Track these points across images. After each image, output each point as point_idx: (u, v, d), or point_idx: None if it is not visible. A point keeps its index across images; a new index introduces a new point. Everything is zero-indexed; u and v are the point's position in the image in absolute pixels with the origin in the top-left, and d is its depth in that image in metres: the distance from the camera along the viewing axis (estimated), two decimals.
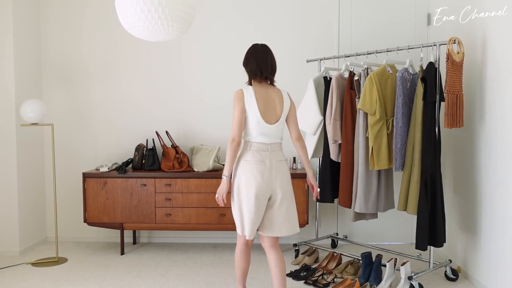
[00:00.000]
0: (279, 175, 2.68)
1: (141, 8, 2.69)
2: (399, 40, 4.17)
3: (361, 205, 3.44)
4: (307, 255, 3.88)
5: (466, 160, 3.47)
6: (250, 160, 2.66)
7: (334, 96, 3.62)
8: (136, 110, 4.45)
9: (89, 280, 3.50)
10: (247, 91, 2.69)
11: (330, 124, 3.63)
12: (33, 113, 3.75)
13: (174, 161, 4.11)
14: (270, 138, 2.70)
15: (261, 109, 2.67)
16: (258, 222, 2.69)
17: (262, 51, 2.77)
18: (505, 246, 2.92)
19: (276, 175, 2.67)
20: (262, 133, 2.68)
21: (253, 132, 2.69)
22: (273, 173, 2.66)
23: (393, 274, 3.29)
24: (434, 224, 3.20)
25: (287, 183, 2.72)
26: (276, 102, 2.73)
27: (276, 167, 2.68)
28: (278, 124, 2.71)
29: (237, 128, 2.66)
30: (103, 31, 4.42)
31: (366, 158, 3.42)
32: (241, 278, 2.90)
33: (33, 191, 4.32)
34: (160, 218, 4.04)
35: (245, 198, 2.65)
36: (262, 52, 2.76)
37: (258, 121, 2.67)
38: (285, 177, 2.70)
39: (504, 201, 2.93)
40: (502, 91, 2.95)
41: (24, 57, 4.18)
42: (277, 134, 2.73)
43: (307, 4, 4.32)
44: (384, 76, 3.35)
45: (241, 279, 2.91)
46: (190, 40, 4.38)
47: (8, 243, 4.08)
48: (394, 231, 4.37)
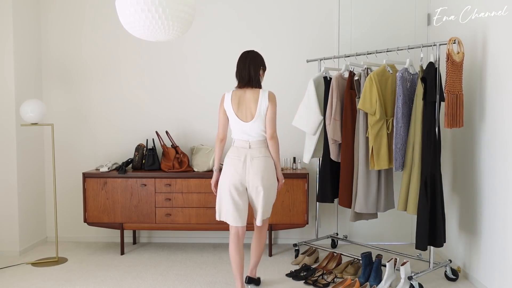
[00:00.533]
0: (252, 170, 2.99)
1: (141, 8, 2.69)
2: (399, 40, 4.17)
3: (361, 205, 3.44)
4: (307, 255, 3.88)
5: (466, 160, 3.48)
6: (230, 155, 3.07)
7: (334, 96, 3.62)
8: (136, 110, 4.45)
9: (89, 280, 3.49)
10: (227, 94, 3.09)
11: (330, 124, 3.63)
12: (33, 113, 3.75)
13: (174, 161, 4.11)
14: (249, 136, 3.04)
15: (235, 108, 3.04)
16: (236, 211, 3.02)
17: (242, 59, 3.11)
18: (505, 246, 2.93)
19: (249, 170, 3.00)
20: (241, 131, 3.04)
21: (234, 130, 3.07)
22: (246, 168, 3.00)
23: (393, 274, 3.29)
24: (434, 224, 3.20)
25: (262, 177, 2.99)
26: (252, 101, 3.03)
27: (251, 163, 3.00)
28: (254, 121, 3.01)
29: (220, 126, 3.12)
30: (103, 31, 4.42)
31: (366, 158, 3.42)
32: (237, 273, 3.09)
33: (33, 191, 4.32)
34: (160, 218, 4.04)
35: (222, 187, 3.06)
36: (242, 61, 3.10)
37: (234, 119, 3.04)
38: (259, 172, 2.99)
39: (504, 201, 2.93)
40: (502, 91, 2.95)
41: (24, 57, 4.18)
42: (257, 132, 3.03)
43: (306, 4, 4.32)
44: (384, 76, 3.35)
45: (237, 274, 3.09)
46: (190, 40, 4.38)
47: (8, 243, 4.08)
48: (394, 231, 4.37)
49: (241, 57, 3.12)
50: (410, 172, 3.28)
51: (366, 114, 3.40)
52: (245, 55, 3.11)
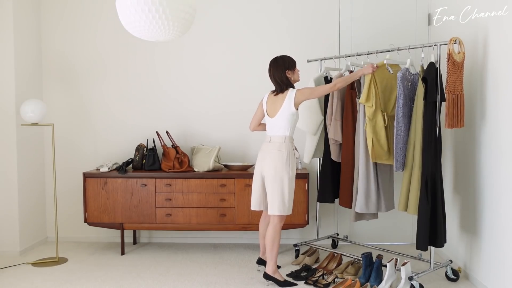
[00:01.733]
0: (266, 161, 3.32)
1: (142, 8, 2.69)
2: (400, 40, 4.16)
3: (362, 205, 3.43)
4: (308, 255, 3.88)
5: (467, 161, 3.47)
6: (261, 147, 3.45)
7: (335, 96, 3.62)
8: (136, 110, 4.45)
9: (90, 280, 3.49)
10: (265, 95, 3.50)
11: (330, 125, 3.63)
12: (33, 113, 3.75)
13: (174, 161, 4.11)
14: (271, 130, 3.38)
15: (268, 105, 3.42)
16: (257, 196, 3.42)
17: (268, 70, 3.42)
18: (506, 246, 2.92)
19: (262, 161, 3.35)
20: (268, 125, 3.42)
21: (266, 125, 3.45)
22: (261, 158, 3.37)
23: (393, 274, 3.29)
24: (434, 225, 3.19)
25: (272, 168, 3.28)
26: (280, 100, 3.34)
27: (265, 155, 3.34)
28: (277, 117, 3.32)
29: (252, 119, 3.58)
30: (103, 31, 4.42)
31: (367, 158, 3.42)
32: (261, 247, 3.59)
33: (33, 191, 4.32)
34: (160, 218, 4.03)
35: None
36: (268, 72, 3.42)
37: (265, 115, 3.45)
38: (270, 163, 3.29)
39: (505, 201, 2.92)
40: (503, 91, 2.95)
41: (24, 56, 4.18)
42: (278, 127, 3.33)
43: (307, 4, 4.32)
44: (384, 72, 3.36)
45: (261, 248, 3.59)
46: (191, 40, 4.38)
47: (8, 243, 4.08)
48: (394, 231, 4.36)
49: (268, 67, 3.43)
50: (410, 172, 3.27)
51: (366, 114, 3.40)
52: (269, 65, 3.41)
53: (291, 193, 3.31)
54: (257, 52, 4.34)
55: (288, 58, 3.39)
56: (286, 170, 3.26)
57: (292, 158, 3.31)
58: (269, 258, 3.33)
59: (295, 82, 3.43)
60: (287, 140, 3.31)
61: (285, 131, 3.31)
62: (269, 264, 3.33)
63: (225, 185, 4.00)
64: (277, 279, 3.32)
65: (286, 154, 3.28)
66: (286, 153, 3.28)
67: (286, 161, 3.27)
